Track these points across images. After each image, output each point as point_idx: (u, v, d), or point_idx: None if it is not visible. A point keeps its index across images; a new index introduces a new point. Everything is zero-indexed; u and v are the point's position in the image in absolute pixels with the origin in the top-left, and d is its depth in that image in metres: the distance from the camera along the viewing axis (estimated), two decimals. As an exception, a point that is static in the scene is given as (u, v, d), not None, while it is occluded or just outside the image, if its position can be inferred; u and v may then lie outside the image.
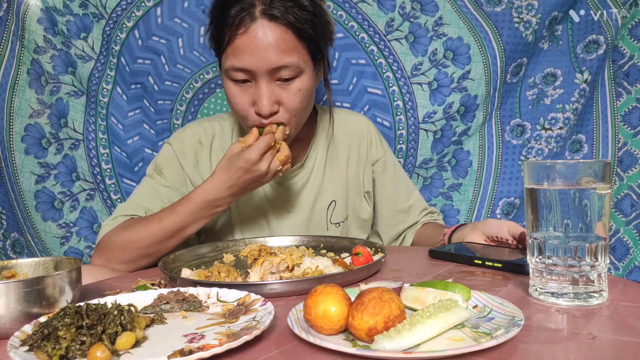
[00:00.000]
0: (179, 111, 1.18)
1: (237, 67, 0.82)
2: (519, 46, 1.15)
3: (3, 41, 1.06)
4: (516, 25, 1.14)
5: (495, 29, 1.15)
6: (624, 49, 1.16)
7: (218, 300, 0.57)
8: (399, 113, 1.19)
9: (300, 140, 0.99)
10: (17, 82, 1.08)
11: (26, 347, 0.43)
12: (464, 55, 1.16)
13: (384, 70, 1.18)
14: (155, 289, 0.63)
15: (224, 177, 0.81)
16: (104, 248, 0.86)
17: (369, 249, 0.74)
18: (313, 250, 0.80)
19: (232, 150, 0.82)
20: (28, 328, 0.47)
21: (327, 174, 1.01)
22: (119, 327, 0.45)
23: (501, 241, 0.81)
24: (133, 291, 0.60)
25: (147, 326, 0.50)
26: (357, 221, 1.05)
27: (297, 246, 0.84)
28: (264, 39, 0.80)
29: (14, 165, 1.10)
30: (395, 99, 1.19)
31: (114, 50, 1.13)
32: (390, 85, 1.18)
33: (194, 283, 0.62)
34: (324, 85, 0.96)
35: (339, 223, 1.02)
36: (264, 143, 0.80)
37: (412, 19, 1.15)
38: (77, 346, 0.43)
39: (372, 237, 1.13)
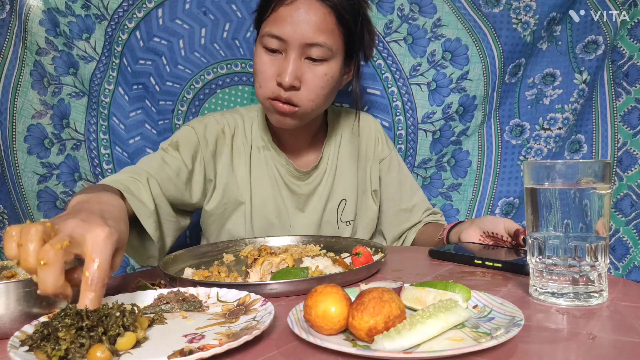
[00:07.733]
0: (180, 111, 1.18)
1: (273, 34, 0.84)
2: (517, 47, 1.15)
3: (6, 43, 1.06)
4: (514, 26, 1.14)
5: (493, 30, 1.15)
6: (624, 50, 1.16)
7: (218, 300, 0.57)
8: (398, 113, 1.19)
9: (314, 142, 1.02)
10: (19, 83, 1.08)
11: (26, 347, 0.43)
12: (462, 56, 1.16)
13: (382, 71, 1.18)
14: (155, 289, 0.63)
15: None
16: None
17: (369, 249, 0.74)
18: (320, 248, 0.80)
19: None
20: (28, 328, 0.47)
21: (337, 174, 1.03)
22: (121, 329, 0.44)
23: (496, 237, 0.81)
24: (133, 291, 0.60)
25: (147, 326, 0.50)
26: (365, 220, 1.06)
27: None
28: (306, 14, 0.83)
29: (17, 165, 1.10)
30: (394, 99, 1.19)
31: (115, 51, 1.13)
32: (389, 86, 1.18)
33: (194, 283, 0.62)
34: (352, 87, 0.98)
35: (349, 221, 1.03)
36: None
37: (410, 21, 1.15)
38: (77, 348, 0.42)
39: (376, 237, 1.13)
